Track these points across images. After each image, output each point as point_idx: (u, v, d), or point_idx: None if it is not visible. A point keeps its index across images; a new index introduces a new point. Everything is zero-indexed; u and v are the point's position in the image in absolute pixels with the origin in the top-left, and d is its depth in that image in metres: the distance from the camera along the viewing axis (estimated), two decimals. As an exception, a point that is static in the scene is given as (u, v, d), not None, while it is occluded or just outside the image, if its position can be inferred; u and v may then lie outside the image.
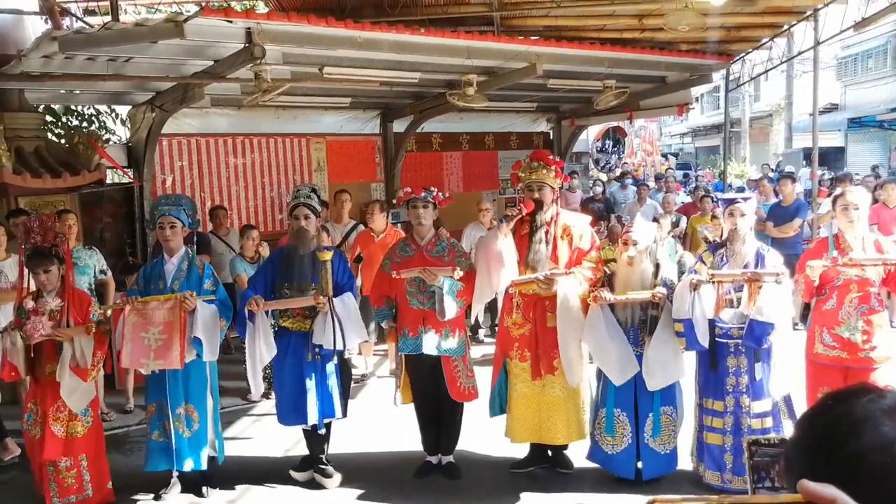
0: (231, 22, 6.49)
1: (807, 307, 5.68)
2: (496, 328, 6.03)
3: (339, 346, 5.31)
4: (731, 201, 5.24)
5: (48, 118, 10.64)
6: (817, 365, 5.24)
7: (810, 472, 1.06)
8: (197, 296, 5.21)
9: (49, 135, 9.46)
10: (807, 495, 0.90)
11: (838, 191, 5.54)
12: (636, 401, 5.29)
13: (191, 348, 5.16)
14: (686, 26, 8.37)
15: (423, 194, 5.55)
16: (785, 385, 5.18)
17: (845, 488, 0.99)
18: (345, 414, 5.61)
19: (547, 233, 5.41)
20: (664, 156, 32.39)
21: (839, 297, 5.13)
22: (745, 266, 5.07)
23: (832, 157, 25.54)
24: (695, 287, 4.94)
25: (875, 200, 9.15)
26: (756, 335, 4.93)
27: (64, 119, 11.61)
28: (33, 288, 4.98)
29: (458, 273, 5.30)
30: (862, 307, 5.06)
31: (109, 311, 6.72)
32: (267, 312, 5.36)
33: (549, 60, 8.80)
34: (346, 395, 5.63)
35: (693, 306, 4.94)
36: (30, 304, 4.80)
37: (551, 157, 5.62)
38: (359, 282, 7.83)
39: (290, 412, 5.44)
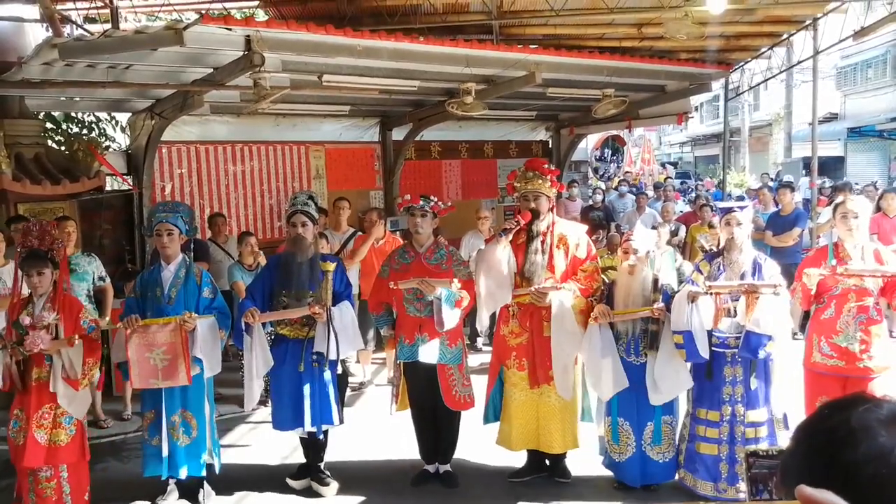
0: (230, 30, 6.50)
1: (806, 316, 5.66)
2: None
3: (332, 356, 5.31)
4: (728, 210, 5.22)
5: (48, 125, 10.65)
6: (815, 374, 5.21)
7: (808, 481, 1.05)
8: (195, 307, 5.22)
9: (49, 142, 9.47)
10: (805, 501, 0.89)
11: (839, 199, 5.53)
12: (637, 410, 5.29)
13: (194, 364, 5.17)
14: (685, 35, 8.39)
15: (420, 203, 5.55)
16: (784, 397, 5.17)
17: (843, 498, 0.99)
18: (341, 421, 5.61)
19: (543, 242, 5.41)
20: (662, 165, 32.39)
21: (837, 306, 5.10)
22: (742, 275, 5.05)
23: (832, 167, 25.55)
24: (692, 299, 4.93)
25: (878, 209, 9.16)
26: (752, 346, 4.91)
27: (64, 126, 11.62)
28: (26, 292, 4.95)
29: (456, 284, 5.29)
30: (860, 317, 5.03)
31: (107, 320, 6.73)
32: (264, 322, 5.36)
33: (548, 69, 8.81)
34: (341, 403, 5.62)
35: (691, 318, 4.93)
36: (26, 319, 4.76)
37: (546, 166, 5.61)
38: (356, 289, 7.83)
39: (287, 418, 5.42)
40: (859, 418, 1.09)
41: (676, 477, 5.37)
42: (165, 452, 5.27)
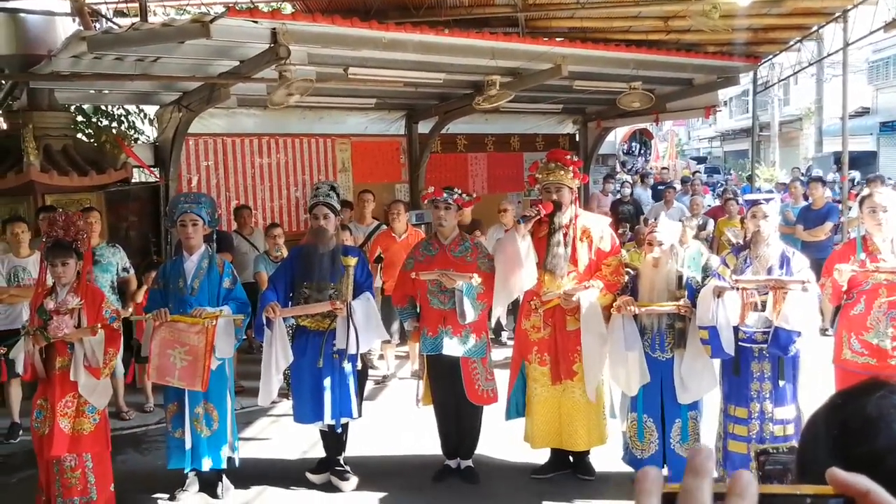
0: (257, 22, 6.50)
1: (838, 311, 5.54)
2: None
3: (353, 350, 5.29)
4: (754, 202, 5.07)
5: (79, 118, 10.74)
6: (846, 371, 5.05)
7: (823, 474, 1.01)
8: (216, 298, 5.26)
9: (79, 134, 9.55)
10: (837, 485, 0.83)
11: (865, 192, 5.36)
12: (662, 406, 5.20)
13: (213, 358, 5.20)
14: (710, 28, 8.28)
15: (444, 195, 5.50)
16: (813, 395, 5.05)
17: None
18: (360, 414, 5.60)
19: (566, 235, 5.34)
20: (692, 159, 32.11)
21: (868, 301, 4.96)
22: (770, 269, 4.91)
23: (864, 162, 25.14)
24: (718, 294, 4.81)
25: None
26: (782, 343, 4.75)
27: (94, 119, 11.73)
28: (49, 282, 5.00)
29: (477, 279, 5.25)
30: (892, 312, 4.88)
31: (131, 311, 6.78)
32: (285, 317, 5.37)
33: (574, 62, 8.74)
34: (360, 396, 5.61)
35: (717, 313, 4.80)
36: (50, 304, 4.81)
37: (569, 157, 5.53)
38: (379, 282, 7.84)
39: (307, 411, 5.41)
40: (876, 406, 1.03)
41: (716, 475, 5.23)
42: (188, 445, 5.28)
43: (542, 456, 5.68)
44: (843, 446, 1.02)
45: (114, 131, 9.98)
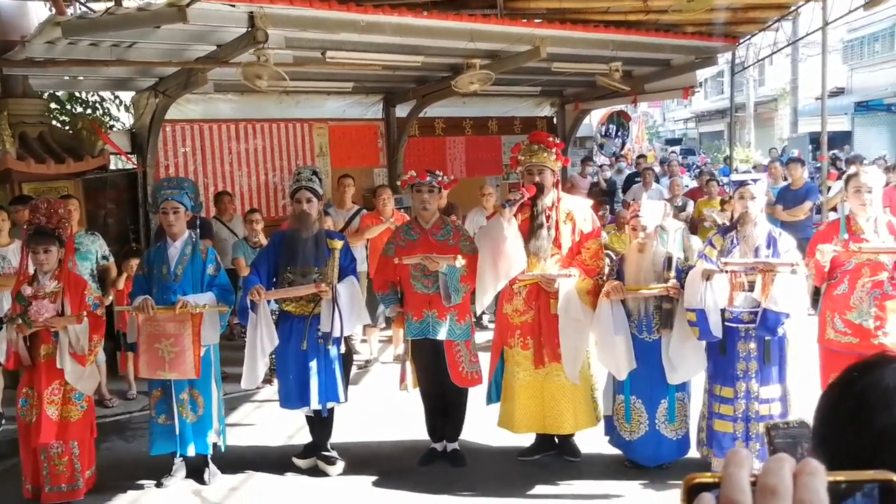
0: (234, 6, 6.44)
1: (817, 292, 5.57)
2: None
3: (337, 334, 5.28)
4: (741, 183, 5.07)
5: (53, 106, 10.61)
6: (830, 351, 5.11)
7: (841, 448, 1.01)
8: (200, 284, 5.24)
9: (54, 122, 9.43)
10: None
11: (851, 170, 5.35)
12: (650, 387, 5.21)
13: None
14: (691, 10, 8.28)
15: (428, 179, 5.48)
16: (798, 374, 5.08)
17: (879, 463, 0.93)
18: (346, 398, 5.58)
19: (548, 218, 5.32)
20: (667, 141, 32.18)
21: (851, 281, 4.99)
22: (757, 249, 4.91)
23: (839, 142, 25.30)
24: (707, 277, 4.82)
25: (885, 182, 9.06)
26: (770, 325, 4.78)
27: (68, 106, 11.59)
28: (31, 269, 4.96)
29: (461, 261, 5.23)
30: (875, 292, 4.91)
31: (111, 299, 6.73)
32: (269, 300, 5.34)
33: (552, 43, 8.72)
34: (346, 380, 5.60)
35: (705, 296, 4.81)
36: (28, 290, 4.78)
37: (551, 139, 5.51)
38: (364, 267, 7.82)
39: (293, 396, 5.40)
40: (892, 376, 1.04)
41: (699, 455, 5.26)
42: (178, 430, 5.28)
43: (528, 438, 5.69)
44: (859, 418, 1.03)
45: (89, 118, 9.86)
